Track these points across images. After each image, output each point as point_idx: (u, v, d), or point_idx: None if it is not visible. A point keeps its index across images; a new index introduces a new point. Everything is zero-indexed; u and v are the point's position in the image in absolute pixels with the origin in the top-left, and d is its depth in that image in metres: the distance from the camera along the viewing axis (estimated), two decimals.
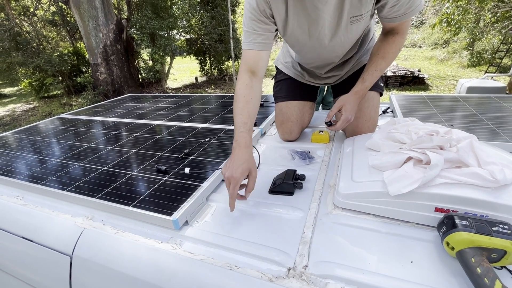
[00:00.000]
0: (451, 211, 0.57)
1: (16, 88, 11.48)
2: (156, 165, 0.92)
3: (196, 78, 10.47)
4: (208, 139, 1.13)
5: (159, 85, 8.83)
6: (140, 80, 8.80)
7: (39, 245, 0.77)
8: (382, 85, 1.10)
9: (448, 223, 0.53)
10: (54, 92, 9.69)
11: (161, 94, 2.11)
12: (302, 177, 0.82)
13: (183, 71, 13.16)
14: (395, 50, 0.89)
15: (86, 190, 0.85)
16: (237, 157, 0.71)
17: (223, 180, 0.89)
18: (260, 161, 0.99)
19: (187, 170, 0.87)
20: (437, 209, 0.58)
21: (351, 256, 0.56)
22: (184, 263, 0.60)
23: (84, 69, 9.20)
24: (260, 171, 0.93)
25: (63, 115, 1.80)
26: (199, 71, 10.48)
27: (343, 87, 1.10)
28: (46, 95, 9.41)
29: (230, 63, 10.09)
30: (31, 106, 8.75)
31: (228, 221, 0.71)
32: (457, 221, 0.51)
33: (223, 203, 0.78)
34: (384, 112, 1.46)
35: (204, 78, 10.55)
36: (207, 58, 10.12)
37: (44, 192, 0.90)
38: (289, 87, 1.16)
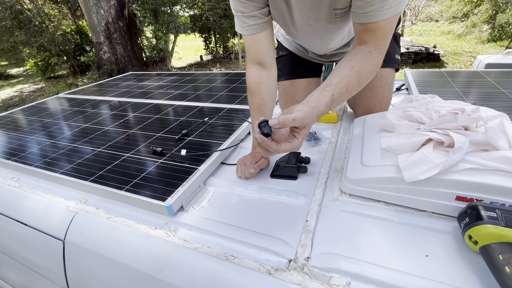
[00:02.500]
0: (475, 200, 0.50)
1: (22, 68, 11.48)
2: (151, 147, 0.87)
3: (201, 56, 10.22)
4: (207, 118, 1.07)
5: (163, 64, 8.67)
6: (144, 59, 8.64)
7: (33, 228, 0.74)
8: (398, 58, 0.98)
9: (471, 214, 0.46)
10: (60, 72, 9.65)
11: (163, 72, 2.03)
12: (307, 160, 0.76)
13: (188, 49, 12.85)
14: (372, 70, 0.63)
15: (80, 173, 0.81)
16: (252, 154, 0.77)
17: (222, 163, 0.84)
18: None
19: (183, 152, 0.81)
20: (459, 198, 0.51)
21: (359, 247, 0.51)
22: (177, 252, 0.57)
23: (88, 48, 9.07)
24: None
25: (61, 95, 1.76)
26: (204, 49, 10.19)
27: None
28: (52, 75, 9.39)
29: (236, 40, 9.76)
30: (38, 86, 8.77)
31: (226, 207, 0.66)
32: (483, 212, 0.45)
33: (221, 188, 0.73)
34: (398, 89, 1.36)
35: (209, 57, 10.28)
36: (212, 35, 9.79)
37: (38, 174, 0.87)
38: (292, 64, 1.07)
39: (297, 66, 1.05)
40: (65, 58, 8.84)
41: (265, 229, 0.58)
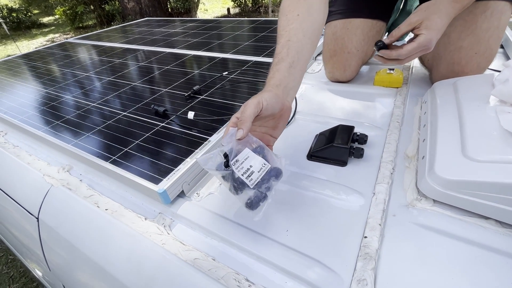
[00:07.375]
0: None
1: (53, 17, 11.50)
2: (153, 106, 0.68)
3: (228, 9, 9.49)
4: (226, 73, 0.84)
5: (188, 16, 8.19)
6: (169, 10, 8.18)
7: (11, 198, 0.61)
8: None
9: None
10: (90, 22, 9.53)
11: (178, 18, 1.76)
12: (363, 139, 0.52)
13: (215, 1, 12.01)
14: None
15: (66, 133, 0.65)
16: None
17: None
18: (297, 108, 0.69)
19: (190, 115, 0.61)
20: None
21: None
22: (169, 261, 0.39)
23: None
24: (295, 124, 0.65)
25: (70, 40, 1.58)
26: (232, 1, 9.42)
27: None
28: (80, 25, 9.31)
29: None
30: (68, 36, 8.77)
31: None
32: None
33: None
34: None
35: (237, 10, 9.53)
36: None
37: (23, 130, 0.73)
38: None
39: (359, 0, 0.73)
40: (92, 7, 8.64)
41: (297, 243, 0.38)
